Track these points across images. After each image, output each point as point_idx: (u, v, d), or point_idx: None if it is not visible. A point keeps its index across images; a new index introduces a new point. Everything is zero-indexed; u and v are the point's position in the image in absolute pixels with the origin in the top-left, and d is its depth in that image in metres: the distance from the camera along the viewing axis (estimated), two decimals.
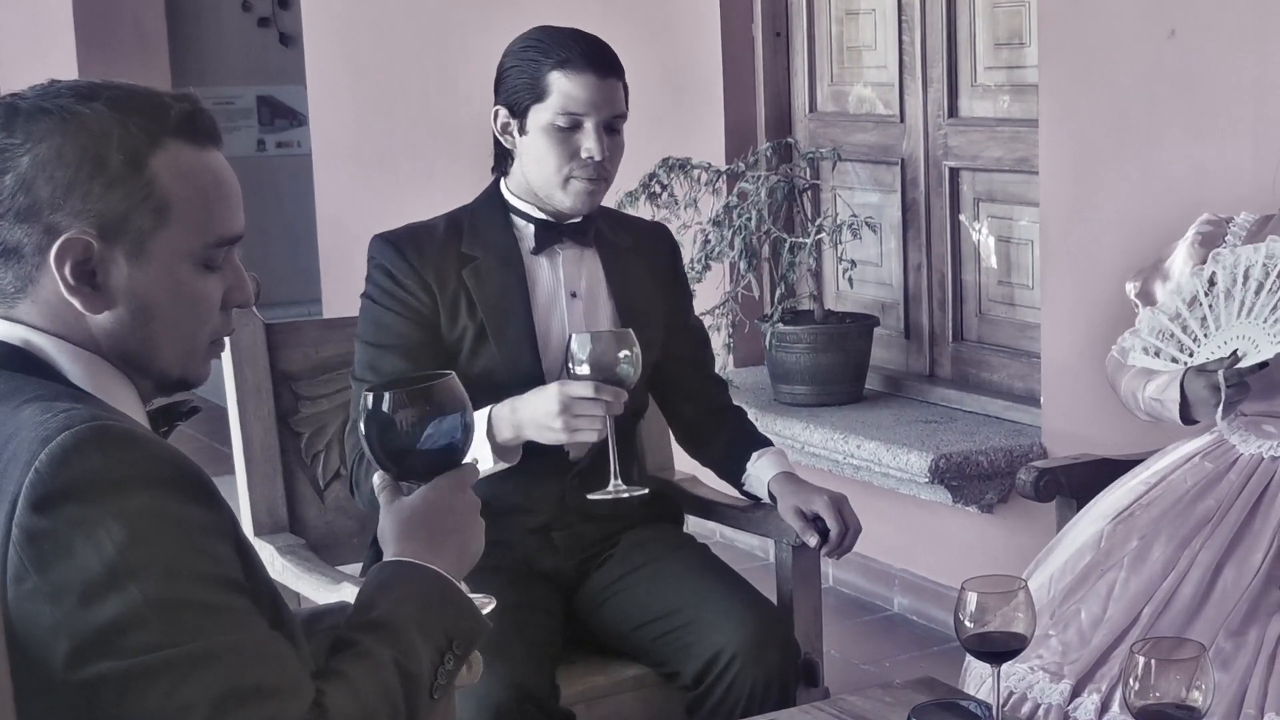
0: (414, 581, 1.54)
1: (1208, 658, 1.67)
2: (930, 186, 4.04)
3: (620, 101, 2.46)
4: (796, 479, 2.55)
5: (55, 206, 1.42)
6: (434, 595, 1.54)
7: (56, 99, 1.45)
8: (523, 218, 2.50)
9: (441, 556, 1.58)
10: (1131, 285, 2.76)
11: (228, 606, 1.37)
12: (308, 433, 2.67)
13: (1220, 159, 3.13)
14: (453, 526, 1.61)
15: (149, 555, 1.32)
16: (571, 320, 2.50)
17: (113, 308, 1.46)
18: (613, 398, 2.25)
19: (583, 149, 2.41)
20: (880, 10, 4.13)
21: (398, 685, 1.46)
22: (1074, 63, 3.42)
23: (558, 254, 2.51)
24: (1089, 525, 2.58)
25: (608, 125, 2.43)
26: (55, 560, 1.31)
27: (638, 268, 2.58)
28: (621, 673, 2.46)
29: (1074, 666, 2.35)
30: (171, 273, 1.47)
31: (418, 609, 1.51)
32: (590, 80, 2.41)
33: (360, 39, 5.94)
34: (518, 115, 2.45)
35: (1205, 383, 2.45)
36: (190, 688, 1.32)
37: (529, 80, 2.43)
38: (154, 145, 1.45)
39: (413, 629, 1.49)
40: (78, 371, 1.46)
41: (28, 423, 1.36)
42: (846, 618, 3.99)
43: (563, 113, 2.41)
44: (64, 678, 1.32)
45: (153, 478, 1.35)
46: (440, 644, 1.51)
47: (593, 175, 2.43)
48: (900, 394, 4.12)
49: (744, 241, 3.95)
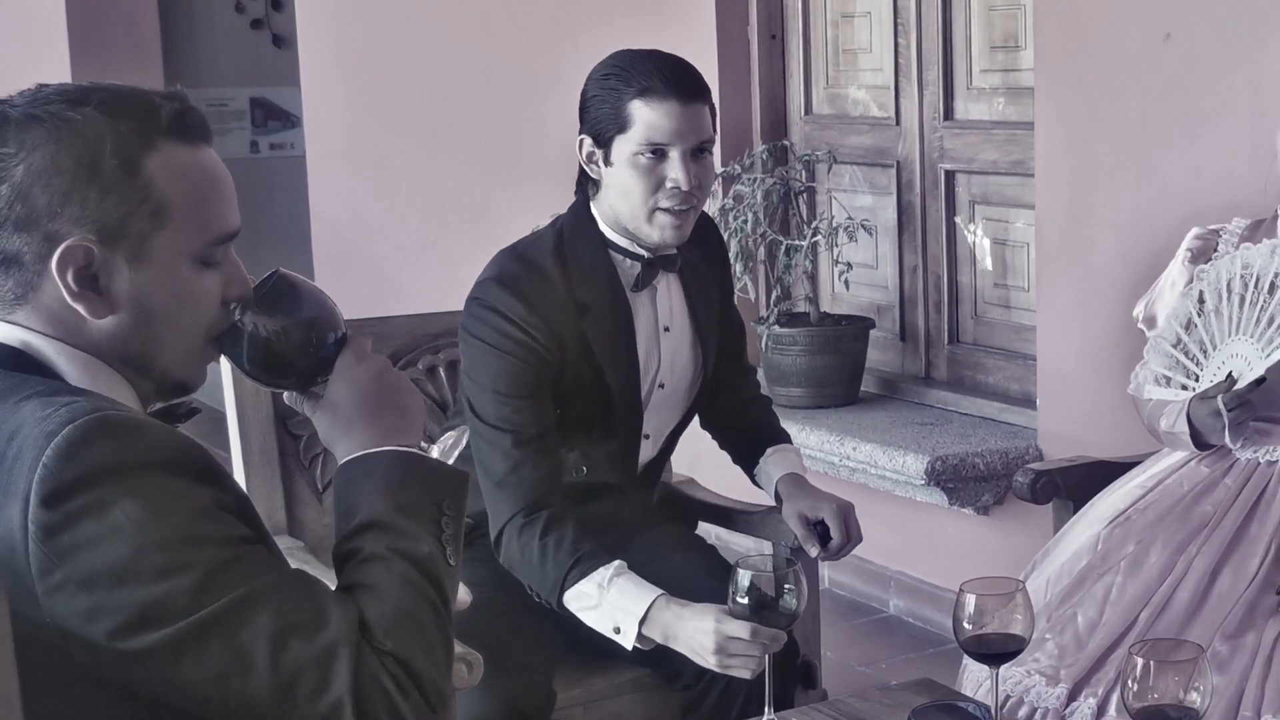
0: (374, 471, 1.51)
1: (1206, 659, 1.68)
2: (926, 189, 4.05)
3: (707, 126, 2.38)
4: (804, 483, 2.54)
5: (53, 214, 1.43)
6: (397, 475, 1.50)
7: (47, 106, 1.45)
8: (621, 253, 2.44)
9: (387, 432, 1.53)
10: (1137, 310, 2.76)
11: (250, 555, 1.39)
12: (306, 435, 2.67)
13: (1216, 162, 3.14)
14: (379, 398, 1.56)
15: (169, 527, 1.34)
16: (663, 354, 2.48)
17: (116, 312, 1.47)
18: (770, 640, 2.10)
19: (669, 179, 2.34)
20: (876, 13, 4.14)
21: (414, 572, 1.45)
22: (1070, 66, 3.43)
23: (655, 289, 2.47)
24: (1086, 529, 2.58)
25: (695, 151, 2.36)
26: (78, 549, 1.32)
27: (708, 282, 2.55)
28: (620, 674, 2.46)
29: (1071, 670, 2.36)
30: (172, 273, 1.48)
31: (392, 495, 1.49)
32: (674, 108, 2.33)
33: (355, 41, 5.93)
34: (602, 145, 2.38)
35: (1208, 410, 2.45)
36: (246, 632, 1.35)
37: (611, 110, 2.35)
38: (147, 147, 1.45)
39: (398, 516, 1.48)
40: (76, 373, 1.47)
41: (30, 418, 1.37)
42: (842, 620, 3.99)
43: (647, 143, 2.33)
44: (107, 659, 1.34)
45: (160, 460, 1.36)
46: (431, 514, 1.49)
47: (680, 205, 2.36)
48: (896, 396, 4.12)
49: (740, 244, 3.96)
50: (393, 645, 1.40)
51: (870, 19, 4.16)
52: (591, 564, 2.29)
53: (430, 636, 1.44)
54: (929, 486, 3.62)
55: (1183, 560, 2.42)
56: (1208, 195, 3.11)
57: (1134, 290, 3.04)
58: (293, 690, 1.36)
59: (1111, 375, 3.35)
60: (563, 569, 2.30)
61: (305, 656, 1.36)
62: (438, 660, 1.44)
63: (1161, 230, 3.15)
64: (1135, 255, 3.27)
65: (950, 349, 4.05)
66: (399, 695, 1.39)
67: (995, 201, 3.91)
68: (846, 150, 4.21)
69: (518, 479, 2.34)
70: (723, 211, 3.99)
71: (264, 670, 1.35)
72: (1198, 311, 2.54)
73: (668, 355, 2.49)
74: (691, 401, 2.56)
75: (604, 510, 2.49)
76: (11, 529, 1.33)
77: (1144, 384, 2.59)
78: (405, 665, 1.40)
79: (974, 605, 1.85)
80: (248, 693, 1.35)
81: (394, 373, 1.59)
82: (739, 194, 4.02)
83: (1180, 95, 3.20)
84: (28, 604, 1.33)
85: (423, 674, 1.42)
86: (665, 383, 2.50)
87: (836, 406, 4.02)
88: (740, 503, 2.73)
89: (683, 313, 2.52)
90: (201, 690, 1.35)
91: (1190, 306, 2.55)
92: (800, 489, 2.52)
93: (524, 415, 2.35)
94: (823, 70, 4.34)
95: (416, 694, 1.41)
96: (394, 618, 1.42)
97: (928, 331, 4.10)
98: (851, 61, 4.26)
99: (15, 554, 1.33)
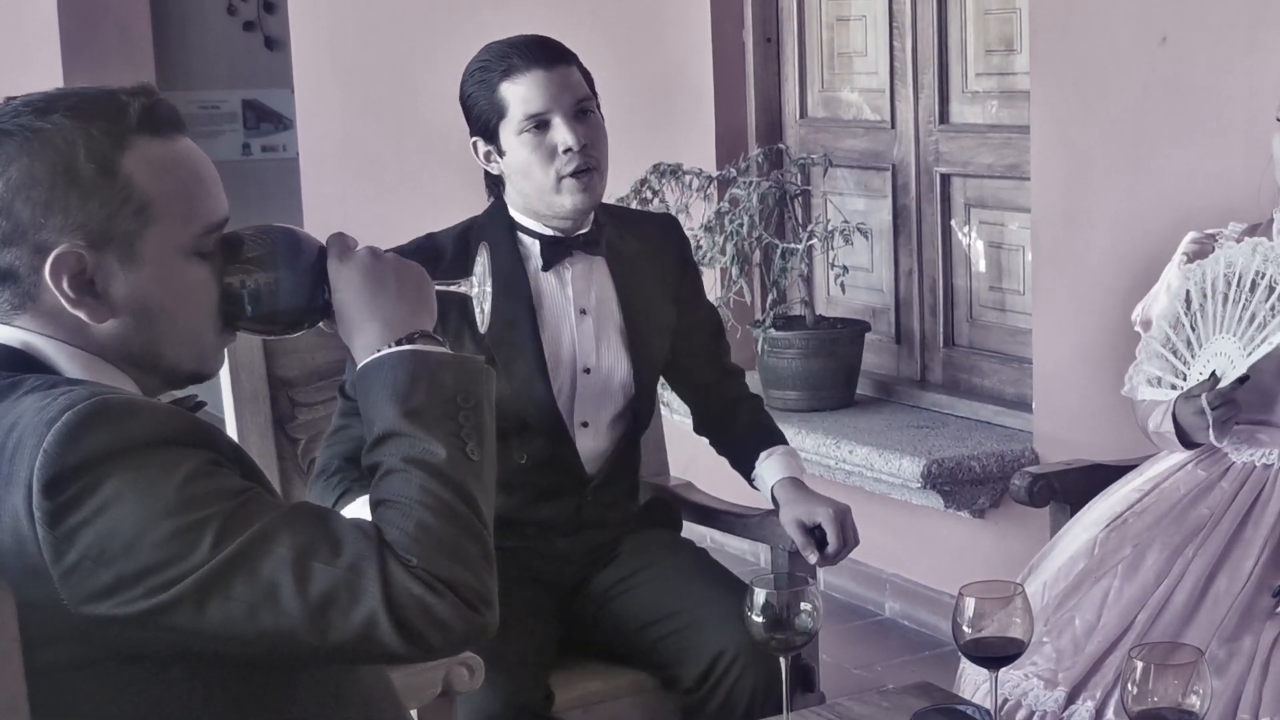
0: (385, 375, 1.50)
1: (1205, 663, 1.68)
2: (921, 192, 4.05)
3: (579, 85, 2.42)
4: (801, 486, 2.53)
5: (38, 226, 1.43)
6: (405, 376, 1.49)
7: (16, 119, 1.45)
8: (530, 234, 2.48)
9: (389, 323, 1.52)
10: (1135, 314, 2.76)
11: (256, 498, 1.40)
12: (305, 439, 2.67)
13: (1211, 166, 3.14)
14: (372, 290, 1.54)
15: (171, 493, 1.35)
16: (581, 337, 2.48)
17: (117, 315, 1.47)
18: None
19: (559, 144, 2.38)
20: (871, 16, 4.14)
21: (432, 481, 1.44)
22: (1066, 69, 3.43)
23: (566, 270, 2.48)
24: (1082, 532, 2.58)
25: (576, 112, 2.40)
26: (87, 527, 1.34)
27: (646, 273, 2.55)
28: (619, 678, 2.46)
29: (1068, 673, 2.36)
30: (167, 269, 1.48)
31: (401, 400, 1.47)
32: (539, 76, 2.38)
33: (348, 43, 5.93)
34: (492, 140, 2.43)
35: (1192, 409, 2.46)
36: (266, 564, 1.36)
37: (487, 102, 2.41)
38: (121, 147, 1.45)
39: (409, 423, 1.46)
40: (76, 370, 1.47)
41: (29, 409, 1.38)
42: (838, 622, 3.99)
43: (526, 117, 2.38)
44: (136, 629, 1.35)
45: (159, 438, 1.38)
46: (446, 410, 1.48)
47: (580, 166, 2.39)
48: (892, 399, 4.12)
49: (735, 247, 3.96)
50: (418, 558, 1.40)
51: (865, 22, 4.16)
52: (359, 493, 2.28)
53: (456, 542, 1.43)
54: (925, 489, 3.63)
55: (1179, 563, 2.42)
56: (1203, 199, 3.11)
57: (1129, 293, 3.05)
58: (325, 612, 1.37)
59: (1107, 378, 3.36)
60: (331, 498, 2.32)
61: (330, 576, 1.37)
62: (470, 562, 1.43)
63: (1157, 233, 3.15)
64: (1130, 259, 3.28)
65: (946, 352, 4.06)
66: (434, 599, 1.39)
67: (990, 205, 3.91)
68: (842, 153, 4.22)
69: (334, 439, 2.39)
70: (718, 215, 3.99)
71: (291, 598, 1.36)
72: (1185, 311, 2.55)
73: (588, 339, 2.48)
74: (635, 393, 2.52)
75: (563, 509, 2.47)
76: (18, 518, 1.34)
77: (1137, 385, 2.59)
78: (435, 573, 1.40)
79: (973, 609, 1.85)
80: (281, 623, 1.36)
81: (382, 259, 1.57)
82: (734, 197, 4.02)
83: (1176, 99, 3.21)
84: (44, 592, 1.34)
85: (455, 580, 1.41)
86: (590, 368, 2.48)
87: (832, 410, 4.02)
88: (738, 506, 2.73)
89: (609, 301, 2.51)
90: (236, 631, 1.36)
91: (1178, 306, 2.56)
92: (796, 493, 2.51)
93: None
94: (818, 73, 4.34)
95: (453, 596, 1.40)
96: (415, 532, 1.41)
97: (923, 335, 4.11)
98: (846, 65, 4.26)
99: (25, 542, 1.34)
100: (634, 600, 2.47)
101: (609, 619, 2.49)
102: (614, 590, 2.49)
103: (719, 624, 2.36)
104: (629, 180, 4.06)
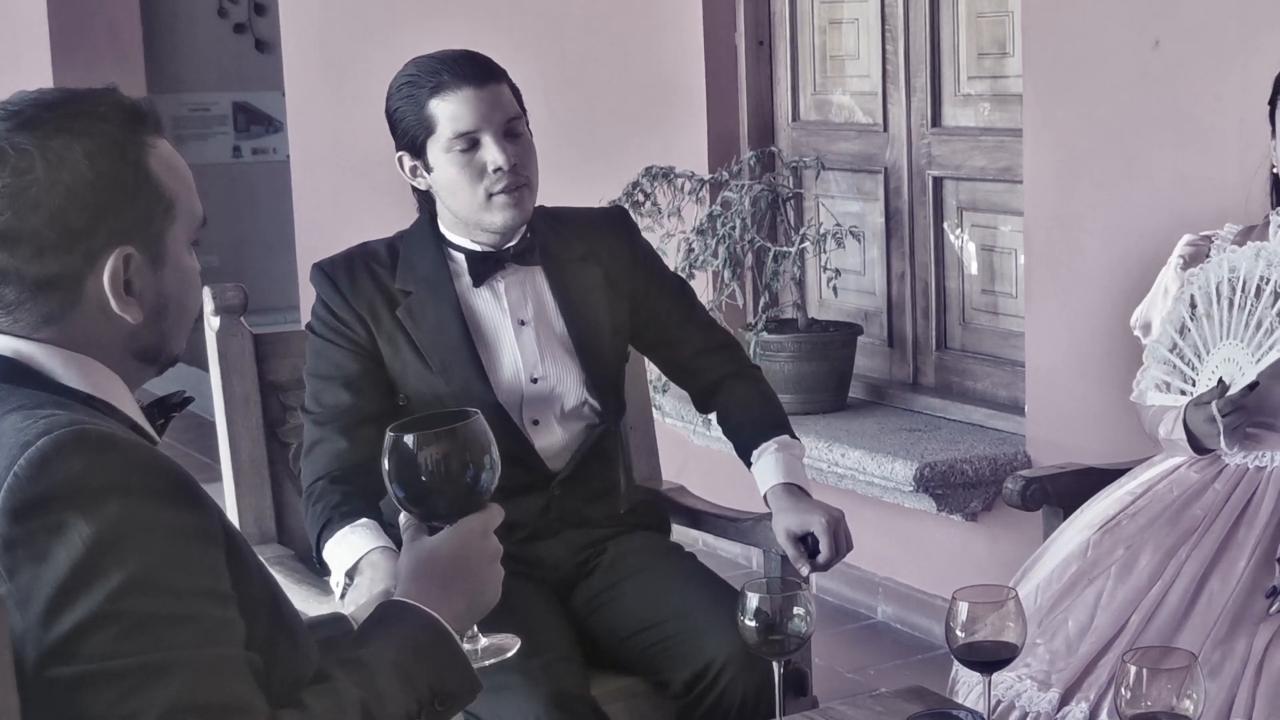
0: (410, 626, 1.51)
1: (1198, 666, 1.68)
2: (914, 195, 4.05)
3: (509, 104, 2.41)
4: (794, 492, 2.50)
5: (91, 232, 1.44)
6: (426, 643, 1.50)
7: (56, 115, 1.44)
8: (457, 250, 2.47)
9: (448, 604, 1.54)
10: (1133, 318, 2.76)
11: (193, 618, 1.34)
12: (295, 443, 2.66)
13: (1204, 169, 3.14)
14: (467, 573, 1.57)
15: (118, 563, 1.31)
16: (523, 349, 2.47)
17: (144, 311, 1.49)
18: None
19: (489, 164, 2.38)
20: (863, 20, 4.14)
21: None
22: (1058, 72, 3.43)
23: (499, 283, 2.47)
24: (1075, 535, 2.58)
25: (506, 131, 2.40)
26: (26, 566, 1.31)
27: (589, 277, 2.52)
28: (610, 683, 2.45)
29: (1062, 675, 2.36)
30: (179, 263, 1.52)
31: (407, 654, 1.48)
32: (470, 94, 2.37)
33: (338, 45, 5.92)
34: (418, 155, 2.43)
35: (1203, 416, 2.46)
36: (138, 698, 1.30)
37: (415, 117, 2.41)
38: (145, 146, 1.48)
39: (393, 674, 1.46)
40: (71, 374, 1.46)
41: (9, 430, 1.37)
42: (830, 626, 3.99)
43: (455, 135, 2.38)
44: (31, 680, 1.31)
45: (131, 484, 1.34)
46: (421, 695, 1.48)
47: (509, 184, 2.39)
48: (884, 402, 4.12)
49: (728, 250, 3.96)
50: None
51: (858, 25, 4.16)
52: (340, 524, 2.30)
53: None
54: (917, 493, 3.63)
55: (1172, 565, 2.42)
56: (1196, 202, 3.12)
57: (1122, 296, 3.05)
58: None
59: (1100, 381, 3.36)
60: (316, 529, 2.33)
61: None
62: None
63: (1150, 236, 3.16)
64: (1123, 262, 3.28)
65: (938, 355, 4.05)
66: None
67: (983, 208, 3.91)
68: (834, 156, 4.22)
69: (310, 459, 2.40)
70: (710, 218, 3.99)
71: None
72: (1190, 316, 2.55)
73: (530, 350, 2.47)
74: (590, 395, 2.50)
75: (530, 508, 2.45)
76: None
77: (1145, 391, 2.59)
78: None
79: (966, 613, 1.85)
80: None
81: (496, 567, 1.60)
82: (727, 200, 4.02)
83: (1169, 102, 3.21)
84: None
85: None
86: (538, 378, 2.47)
87: (824, 413, 4.01)
88: (730, 510, 2.72)
89: (549, 310, 2.50)
90: None
91: (1183, 311, 2.56)
92: (789, 501, 2.48)
93: (324, 397, 2.41)
94: (810, 76, 4.34)
95: None
96: None
97: (915, 338, 4.11)
98: (839, 68, 4.26)
99: None
100: (624, 606, 2.46)
101: (598, 624, 2.48)
102: (602, 596, 2.48)
103: (710, 629, 2.35)
104: (621, 183, 4.06)
